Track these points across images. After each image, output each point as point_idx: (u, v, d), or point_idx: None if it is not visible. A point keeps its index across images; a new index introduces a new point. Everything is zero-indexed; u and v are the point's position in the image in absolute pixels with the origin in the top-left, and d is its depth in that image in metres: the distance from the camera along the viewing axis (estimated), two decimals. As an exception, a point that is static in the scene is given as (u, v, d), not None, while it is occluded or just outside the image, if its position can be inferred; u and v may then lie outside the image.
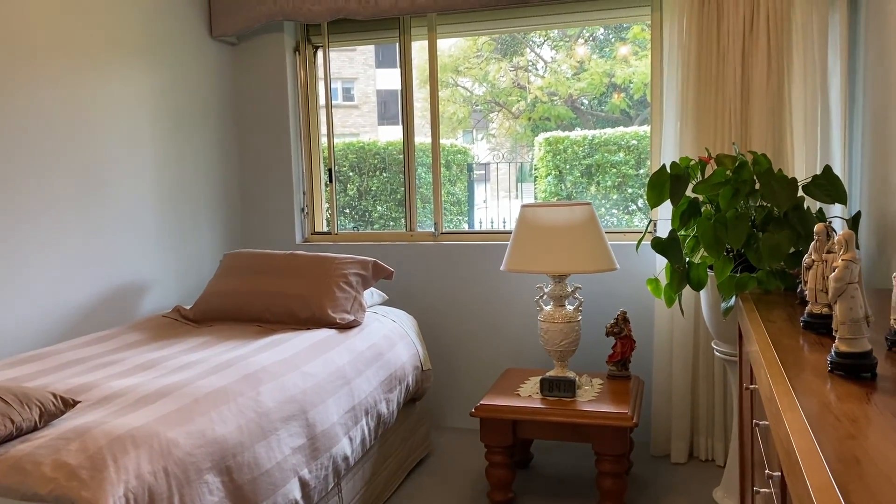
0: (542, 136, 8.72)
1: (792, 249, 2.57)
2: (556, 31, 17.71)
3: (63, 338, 3.00)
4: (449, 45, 16.54)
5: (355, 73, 22.99)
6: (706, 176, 2.89)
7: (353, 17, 3.79)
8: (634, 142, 8.14)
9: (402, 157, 4.20)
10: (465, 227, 9.37)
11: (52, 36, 2.96)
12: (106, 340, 2.82)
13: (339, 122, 24.31)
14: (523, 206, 3.13)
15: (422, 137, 4.30)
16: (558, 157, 8.55)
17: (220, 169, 4.02)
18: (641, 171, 8.21)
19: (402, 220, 4.38)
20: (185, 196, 3.73)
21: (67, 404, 1.96)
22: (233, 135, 4.12)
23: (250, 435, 2.11)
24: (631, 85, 14.22)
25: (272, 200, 4.12)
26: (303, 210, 4.17)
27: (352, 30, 4.10)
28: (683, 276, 2.78)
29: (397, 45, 4.02)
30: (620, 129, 8.35)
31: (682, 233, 2.88)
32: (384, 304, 3.62)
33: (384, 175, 8.68)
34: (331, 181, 4.16)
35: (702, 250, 2.83)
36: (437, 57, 3.98)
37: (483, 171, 15.06)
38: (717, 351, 2.94)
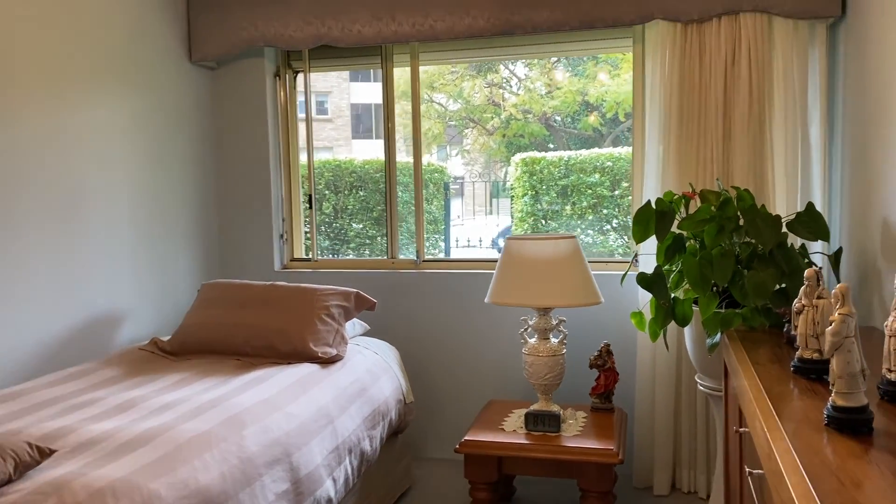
0: (518, 157, 8.73)
1: (777, 286, 2.57)
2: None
3: (37, 372, 2.90)
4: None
5: (329, 86, 22.89)
6: (690, 212, 2.88)
7: (335, 45, 3.75)
8: (609, 163, 8.18)
9: (379, 175, 4.14)
10: (442, 245, 9.36)
11: (29, 60, 2.88)
12: (81, 377, 2.73)
13: (314, 136, 24.24)
14: (508, 239, 3.10)
15: (400, 156, 4.29)
16: (534, 177, 8.57)
17: (198, 195, 3.95)
18: (616, 192, 8.25)
19: (380, 240, 4.33)
20: (162, 223, 3.64)
21: (43, 454, 1.89)
22: (211, 160, 4.05)
23: (234, 483, 2.04)
24: (604, 103, 14.32)
25: (251, 227, 4.05)
26: (282, 237, 4.11)
27: (334, 55, 4.06)
28: (668, 311, 2.77)
29: (381, 71, 3.98)
30: (595, 151, 8.39)
31: (667, 268, 2.88)
32: (366, 334, 3.57)
33: (360, 193, 8.62)
34: (311, 206, 4.10)
35: (686, 284, 2.83)
36: (419, 82, 3.94)
37: (458, 187, 15.05)
38: (701, 385, 2.93)
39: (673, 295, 2.80)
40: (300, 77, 4.15)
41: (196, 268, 3.93)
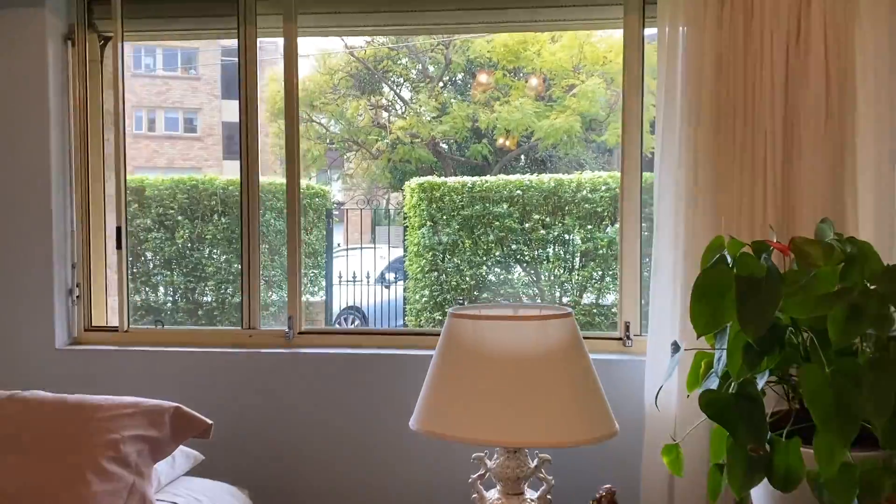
0: (415, 181, 7.37)
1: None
2: (414, 72, 16.23)
3: None
4: (303, 78, 14.80)
5: (199, 102, 20.81)
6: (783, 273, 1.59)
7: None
8: (519, 192, 6.97)
9: (261, 196, 2.61)
10: (323, 283, 7.78)
11: None
12: None
13: (180, 156, 21.89)
14: (454, 316, 1.70)
15: (268, 176, 2.75)
16: (433, 205, 7.22)
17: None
18: (526, 224, 7.04)
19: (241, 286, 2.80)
20: None
21: None
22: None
23: None
24: (494, 130, 13.09)
25: (18, 278, 2.44)
26: (71, 292, 2.51)
27: (162, 13, 2.54)
28: (762, 462, 1.46)
29: (236, 42, 2.50)
30: (503, 178, 7.16)
31: (740, 376, 1.56)
32: (195, 470, 2.05)
33: (223, 220, 6.95)
34: (119, 246, 2.53)
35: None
36: (296, 58, 2.47)
37: (339, 213, 13.36)
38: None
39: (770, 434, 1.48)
40: (114, 46, 2.59)
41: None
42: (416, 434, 1.69)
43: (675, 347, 1.67)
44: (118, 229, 2.49)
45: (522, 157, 14.71)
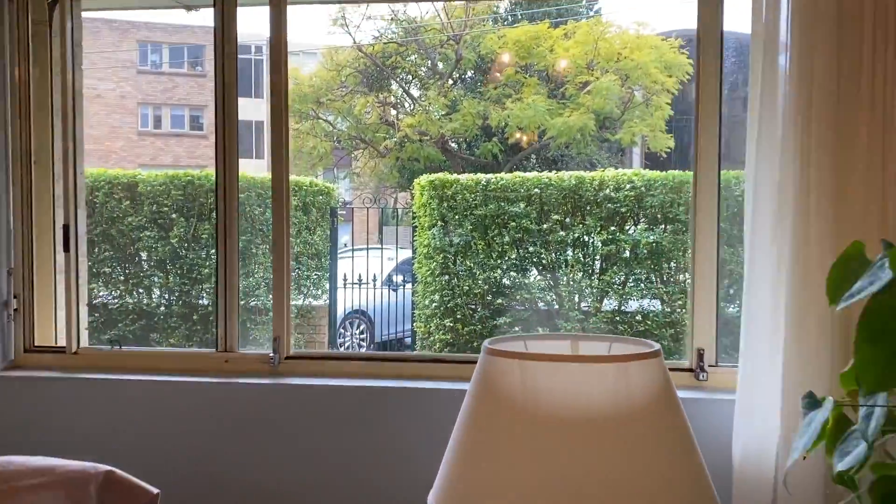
0: (424, 178, 6.86)
1: None
2: (423, 69, 15.66)
3: None
4: (309, 74, 14.21)
5: (205, 100, 20.34)
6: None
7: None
8: (537, 190, 6.45)
9: (244, 196, 2.11)
10: (327, 285, 7.26)
11: None
12: None
13: (186, 154, 21.48)
14: (492, 352, 1.19)
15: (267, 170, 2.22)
16: (445, 203, 6.71)
17: None
18: (544, 225, 6.52)
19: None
20: None
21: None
22: None
23: None
24: (506, 128, 12.50)
25: (-60, 286, 1.94)
26: (6, 305, 2.01)
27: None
28: None
29: (212, 10, 1.99)
30: (520, 175, 6.64)
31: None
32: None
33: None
34: (67, 248, 2.02)
35: None
36: (287, 39, 1.96)
37: (345, 212, 12.80)
38: None
39: None
40: (62, 4, 2.09)
41: None
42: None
43: (812, 401, 1.15)
44: (65, 228, 1.99)
45: (533, 156, 14.20)
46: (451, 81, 13.59)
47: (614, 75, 11.73)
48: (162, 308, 6.09)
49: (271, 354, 1.91)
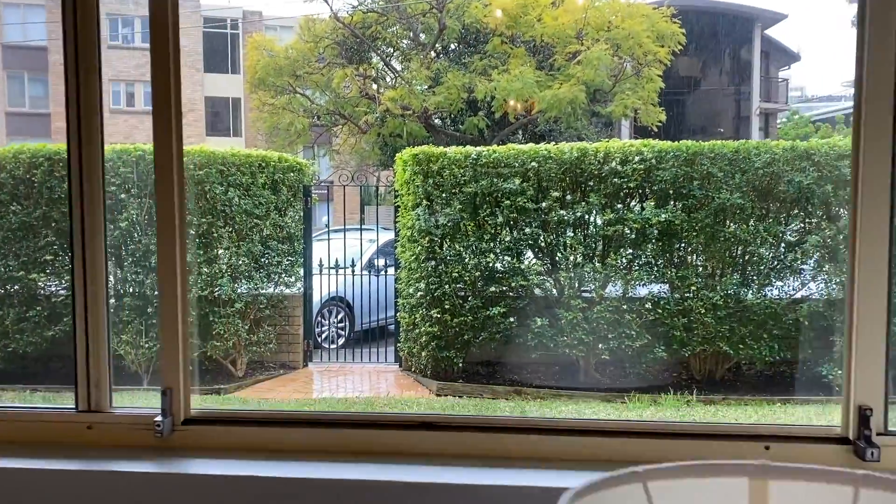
0: (407, 152, 6.05)
1: None
2: (405, 40, 14.67)
3: None
4: (285, 46, 13.20)
5: (181, 76, 19.31)
6: None
7: None
8: (534, 164, 5.68)
9: (202, 172, 1.31)
10: (300, 272, 6.37)
11: None
12: None
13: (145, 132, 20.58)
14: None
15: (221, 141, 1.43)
16: (430, 180, 5.90)
17: None
18: (543, 203, 5.75)
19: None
20: None
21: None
22: None
23: None
24: (493, 101, 11.61)
25: None
26: None
27: None
28: None
29: None
30: (515, 147, 5.87)
31: None
32: None
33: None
34: None
35: None
36: None
37: (324, 191, 11.91)
38: None
39: None
40: None
41: None
42: None
43: None
44: None
45: (520, 131, 13.42)
46: (433, 53, 12.73)
47: (605, 44, 10.95)
48: (112, 301, 5.29)
49: (159, 420, 1.16)
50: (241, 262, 5.46)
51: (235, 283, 5.45)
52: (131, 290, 5.34)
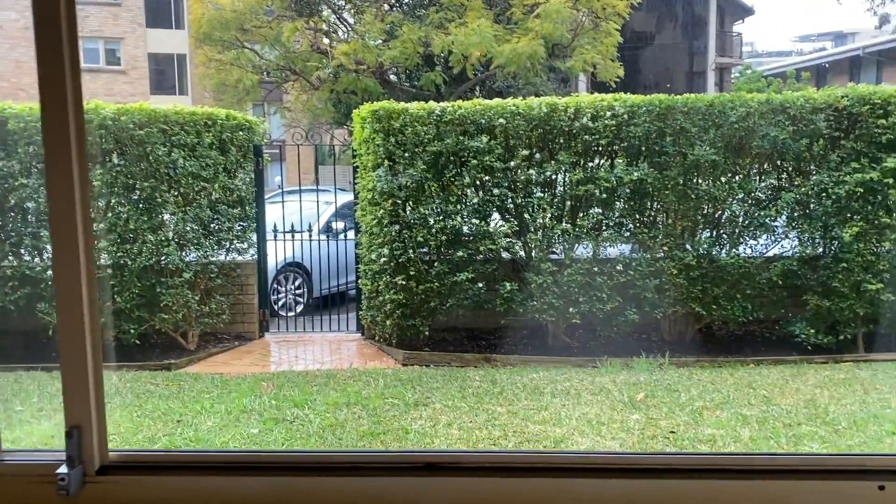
0: (366, 109, 5.61)
1: None
2: None
3: None
4: None
5: (121, 31, 18.25)
6: None
7: None
8: (502, 121, 5.33)
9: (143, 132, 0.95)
10: (254, 238, 5.92)
11: None
12: None
13: (103, 91, 19.48)
14: None
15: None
16: (391, 139, 5.50)
17: None
18: (511, 163, 5.43)
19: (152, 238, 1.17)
20: None
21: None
22: None
23: None
24: (450, 56, 11.14)
25: None
26: None
27: None
28: None
29: None
30: (482, 103, 5.42)
31: None
32: None
33: (117, 161, 5.17)
34: None
35: None
36: None
37: (276, 151, 11.34)
38: None
39: None
40: None
41: None
42: None
43: None
44: None
45: (478, 87, 13.00)
46: (387, 5, 12.15)
47: (565, -3, 10.57)
48: (50, 272, 4.84)
49: (62, 471, 0.84)
50: (188, 229, 5.05)
51: (183, 252, 5.04)
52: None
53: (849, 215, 4.62)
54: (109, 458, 0.87)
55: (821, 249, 4.75)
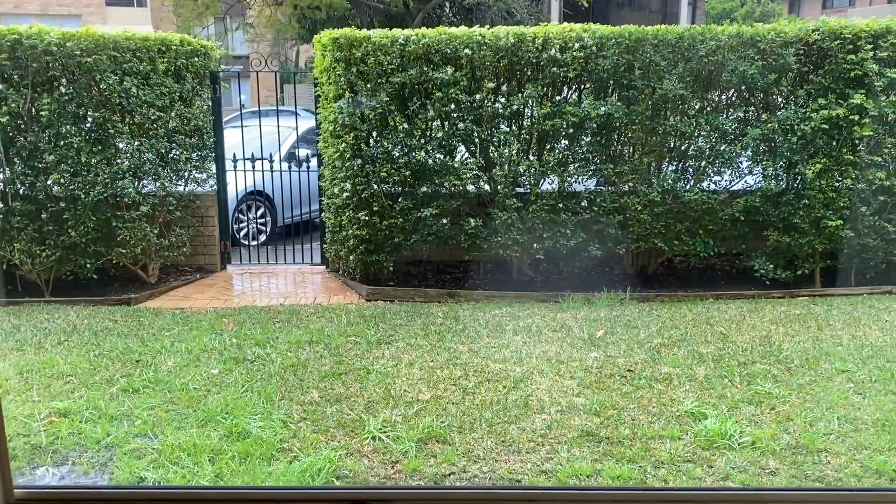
0: (326, 35, 5.34)
1: None
2: None
3: None
4: None
5: (70, -66, 17.08)
6: None
7: None
8: (467, 51, 5.11)
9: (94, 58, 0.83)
10: (213, 169, 5.70)
11: None
12: None
13: (55, 1, 18.40)
14: None
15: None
16: (353, 68, 5.23)
17: None
18: (477, 96, 5.25)
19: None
20: None
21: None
22: None
23: None
24: None
25: None
26: None
27: None
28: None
29: None
30: (447, 31, 5.12)
31: None
32: None
33: (66, 89, 4.88)
34: None
35: None
36: None
37: (241, 68, 11.00)
38: None
39: None
40: None
41: None
42: None
43: None
44: None
45: (447, 3, 12.52)
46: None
47: None
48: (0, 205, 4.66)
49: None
50: (145, 160, 4.85)
51: (140, 184, 4.86)
52: (22, 191, 4.68)
53: (813, 151, 4.59)
54: (15, 496, 0.81)
55: (784, 185, 4.74)
